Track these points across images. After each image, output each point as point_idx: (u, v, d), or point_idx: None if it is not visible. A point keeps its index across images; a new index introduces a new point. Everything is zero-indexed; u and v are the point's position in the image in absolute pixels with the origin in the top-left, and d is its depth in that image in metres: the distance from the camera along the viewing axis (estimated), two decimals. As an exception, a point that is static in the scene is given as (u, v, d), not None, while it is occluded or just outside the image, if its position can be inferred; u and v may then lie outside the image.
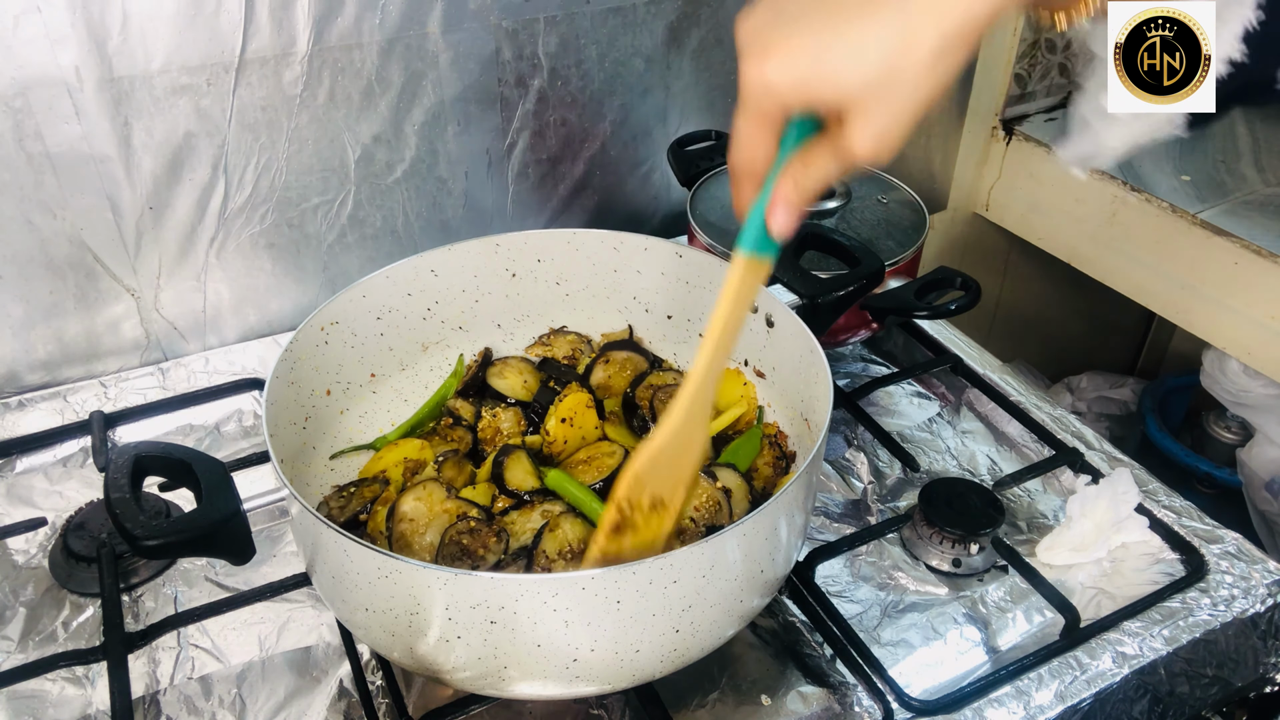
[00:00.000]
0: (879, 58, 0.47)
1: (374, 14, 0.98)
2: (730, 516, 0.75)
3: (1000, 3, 0.47)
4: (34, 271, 0.97)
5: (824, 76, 0.48)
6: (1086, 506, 0.85)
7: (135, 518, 0.59)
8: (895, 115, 0.48)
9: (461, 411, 0.87)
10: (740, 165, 0.54)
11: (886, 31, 0.47)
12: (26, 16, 0.85)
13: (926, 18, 0.47)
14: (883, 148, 0.50)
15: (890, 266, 1.05)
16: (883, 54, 0.47)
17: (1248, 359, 1.24)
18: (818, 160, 0.52)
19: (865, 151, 0.50)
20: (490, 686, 0.65)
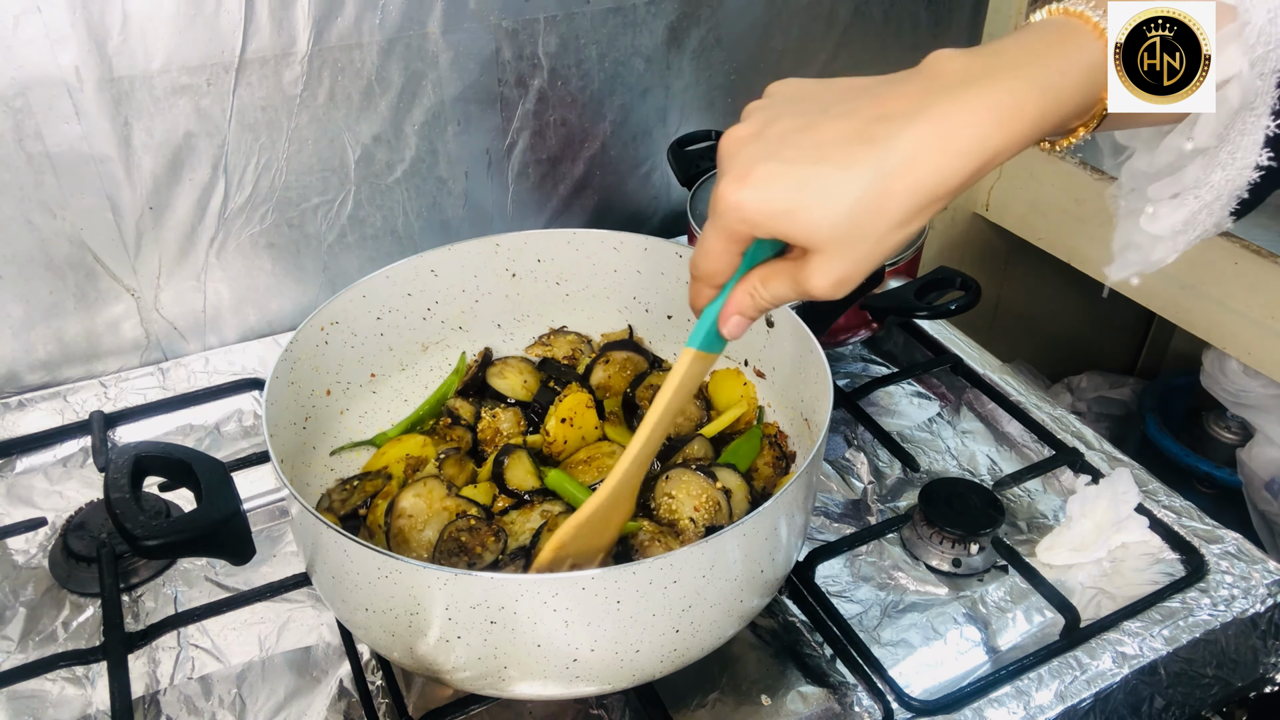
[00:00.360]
0: (849, 210, 0.48)
1: (374, 14, 0.98)
2: (730, 516, 0.75)
3: (975, 167, 0.47)
4: (34, 271, 0.97)
5: (794, 214, 0.49)
6: (1086, 506, 0.85)
7: (135, 518, 0.59)
8: (855, 263, 0.49)
9: (461, 411, 0.87)
10: (700, 271, 0.56)
11: (860, 187, 0.47)
12: (26, 16, 0.85)
13: (902, 181, 0.47)
14: (838, 289, 0.51)
15: (890, 266, 1.05)
16: (853, 208, 0.48)
17: (1248, 359, 1.24)
18: (775, 281, 0.54)
19: (821, 289, 0.51)
20: (490, 686, 0.65)
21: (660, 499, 0.75)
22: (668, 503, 0.75)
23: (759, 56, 1.22)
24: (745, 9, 1.18)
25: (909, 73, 0.50)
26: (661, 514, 0.75)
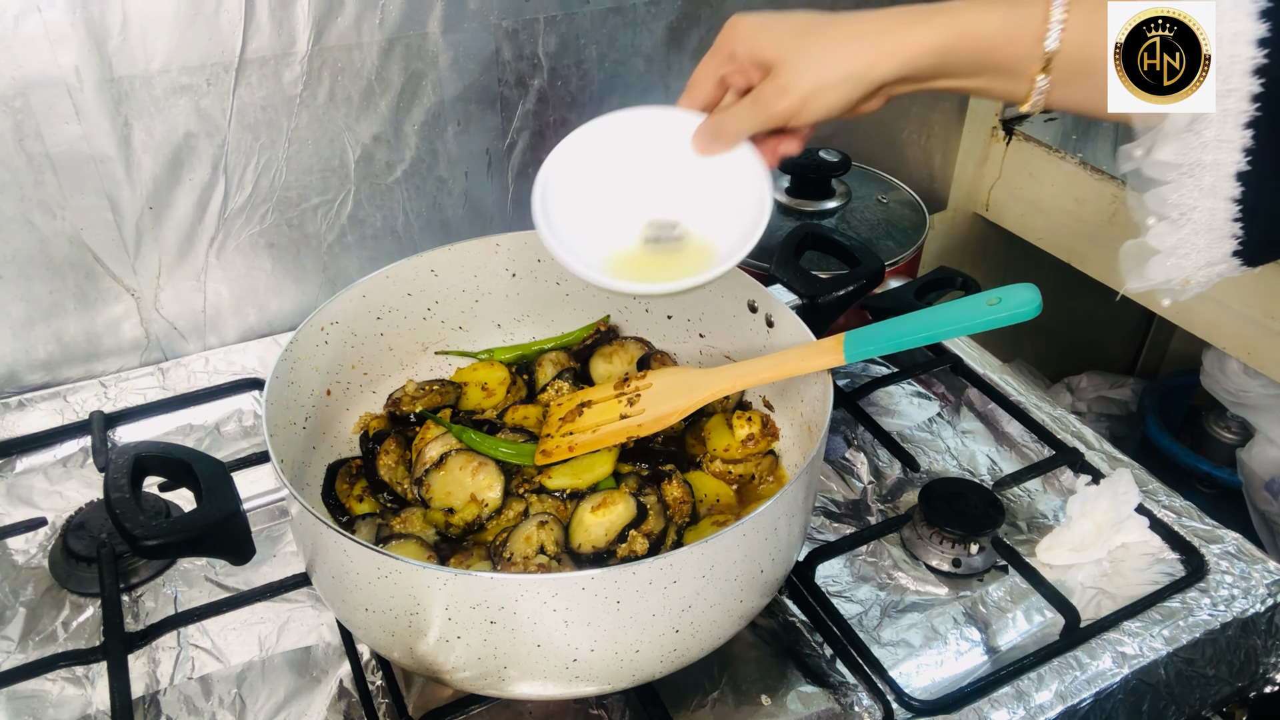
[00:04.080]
0: (805, 39, 0.64)
1: (374, 14, 0.98)
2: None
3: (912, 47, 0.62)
4: (34, 271, 0.97)
5: (767, 29, 0.66)
6: (1086, 506, 0.85)
7: (135, 518, 0.59)
8: (800, 78, 0.64)
9: (542, 373, 0.91)
10: (690, 84, 0.72)
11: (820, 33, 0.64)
12: (26, 16, 0.85)
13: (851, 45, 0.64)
14: (783, 94, 0.65)
15: (890, 266, 1.05)
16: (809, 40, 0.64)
17: (1248, 359, 1.24)
18: (739, 106, 0.68)
19: (769, 92, 0.65)
20: (490, 686, 0.65)
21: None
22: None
23: (759, 56, 1.22)
24: (745, 9, 1.18)
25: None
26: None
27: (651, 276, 0.73)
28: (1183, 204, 0.57)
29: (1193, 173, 0.56)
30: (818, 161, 1.09)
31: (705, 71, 0.71)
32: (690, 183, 0.75)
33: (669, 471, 0.79)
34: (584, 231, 0.74)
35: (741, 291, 0.86)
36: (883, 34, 0.63)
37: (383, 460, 0.81)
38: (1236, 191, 0.55)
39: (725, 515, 0.78)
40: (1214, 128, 0.54)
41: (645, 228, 0.76)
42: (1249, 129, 0.53)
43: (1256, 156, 0.54)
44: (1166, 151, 0.56)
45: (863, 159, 1.24)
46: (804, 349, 0.75)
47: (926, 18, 0.62)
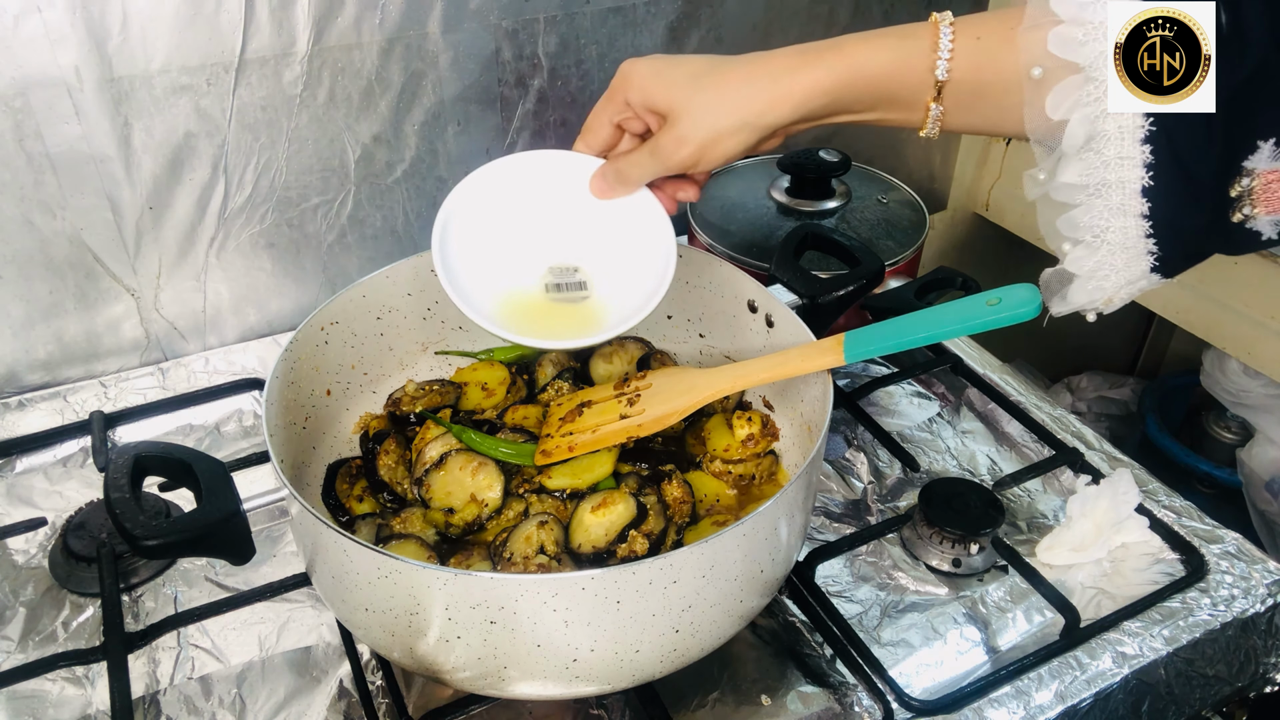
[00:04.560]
0: (698, 90, 0.64)
1: (374, 14, 0.98)
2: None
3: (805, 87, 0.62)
4: (34, 271, 0.97)
5: (660, 76, 0.66)
6: (1086, 506, 0.85)
7: (135, 518, 0.59)
8: (696, 129, 0.64)
9: (541, 373, 0.91)
10: (585, 128, 0.72)
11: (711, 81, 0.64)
12: (26, 16, 0.85)
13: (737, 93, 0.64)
14: (679, 147, 0.65)
15: (890, 266, 1.05)
16: (701, 90, 0.64)
17: (1248, 359, 1.24)
18: (636, 154, 0.69)
19: (667, 145, 0.66)
20: (490, 686, 0.65)
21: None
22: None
23: (759, 56, 1.22)
24: (745, 9, 1.18)
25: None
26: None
27: (547, 329, 0.74)
28: (1095, 226, 0.58)
29: (1100, 193, 0.57)
30: (818, 161, 1.09)
31: (600, 117, 0.71)
32: (591, 227, 0.75)
33: (669, 471, 0.79)
34: (485, 274, 0.75)
35: (741, 291, 0.86)
36: (775, 78, 0.63)
37: (383, 460, 0.81)
38: (1145, 208, 0.56)
39: (725, 515, 0.78)
40: (1113, 145, 0.55)
41: (547, 273, 0.77)
42: (1146, 144, 0.54)
43: (1158, 171, 0.55)
44: (1070, 173, 0.57)
45: (863, 159, 1.24)
46: (804, 349, 0.75)
47: (817, 58, 0.63)
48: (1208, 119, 0.53)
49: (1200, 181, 0.55)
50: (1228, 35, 0.53)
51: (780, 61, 0.63)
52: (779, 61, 0.63)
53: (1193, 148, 0.54)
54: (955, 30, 0.60)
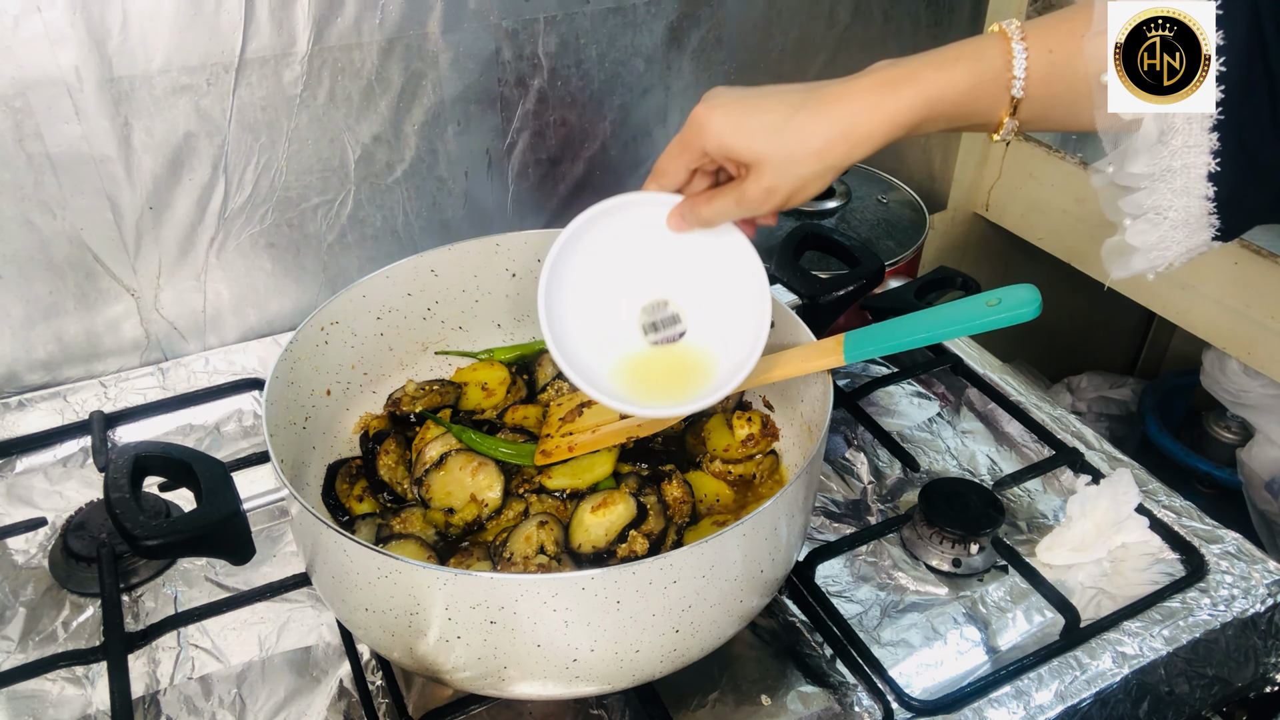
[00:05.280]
0: (780, 133, 0.63)
1: (374, 14, 0.98)
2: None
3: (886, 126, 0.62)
4: (34, 271, 0.97)
5: (739, 129, 0.64)
6: (1086, 506, 0.85)
7: (135, 518, 0.60)
8: (781, 176, 0.64)
9: (541, 373, 0.91)
10: (657, 168, 0.70)
11: (791, 121, 0.63)
12: (26, 16, 0.85)
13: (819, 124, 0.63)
14: (770, 197, 0.65)
15: (890, 266, 1.05)
16: (783, 132, 0.63)
17: (1248, 359, 1.24)
18: (719, 198, 0.67)
19: (754, 194, 0.65)
20: (490, 686, 0.65)
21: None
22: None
23: (759, 56, 1.22)
24: (745, 9, 1.18)
25: (853, 75, 0.65)
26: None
27: (663, 390, 0.73)
28: (1159, 205, 0.59)
29: (1164, 178, 0.58)
30: (818, 161, 1.09)
31: (676, 164, 0.69)
32: (678, 264, 0.73)
33: (669, 471, 0.79)
34: (591, 340, 0.73)
35: (741, 291, 0.85)
36: (855, 120, 0.63)
37: (383, 460, 0.81)
38: (1210, 191, 0.57)
39: (725, 515, 0.78)
40: (1180, 135, 0.56)
41: (641, 314, 0.75)
42: (1214, 132, 0.55)
43: (1225, 159, 0.56)
44: (1138, 164, 0.58)
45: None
46: (804, 349, 0.75)
47: (895, 92, 0.62)
48: (1272, 105, 0.54)
49: (1264, 165, 0.56)
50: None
51: (859, 101, 0.63)
52: (858, 101, 0.63)
53: (1259, 133, 0.55)
54: (1027, 45, 0.60)
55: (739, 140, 0.64)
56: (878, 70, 0.64)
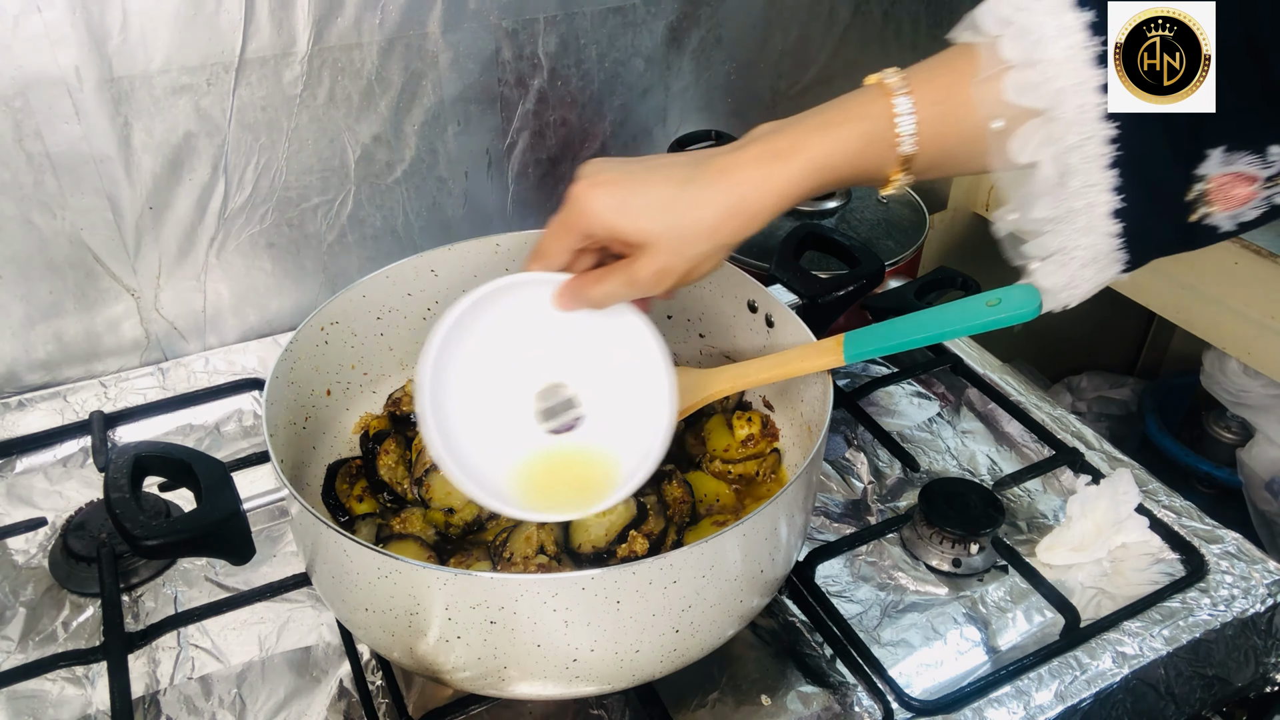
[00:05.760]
0: (669, 213, 0.60)
1: (374, 14, 0.98)
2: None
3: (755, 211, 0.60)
4: (34, 271, 0.97)
5: (625, 209, 0.61)
6: (1086, 506, 0.85)
7: (135, 518, 0.59)
8: (672, 256, 0.61)
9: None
10: (536, 251, 0.66)
11: (679, 199, 0.60)
12: (26, 16, 0.85)
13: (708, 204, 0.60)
14: (661, 279, 0.62)
15: (890, 266, 1.05)
16: (672, 211, 0.60)
17: (1248, 359, 1.24)
18: (609, 278, 0.64)
19: (645, 276, 0.62)
20: (490, 686, 0.65)
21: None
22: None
23: (759, 56, 1.22)
24: (745, 9, 1.18)
25: (729, 145, 0.62)
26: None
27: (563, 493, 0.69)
28: (1063, 246, 0.58)
29: (1068, 219, 0.57)
30: (818, 161, 1.09)
31: (557, 246, 0.64)
32: (571, 347, 0.70)
33: (669, 471, 0.79)
34: (485, 437, 0.68)
35: (741, 291, 0.86)
36: (744, 198, 0.60)
37: (383, 460, 0.81)
38: (1116, 227, 0.56)
39: (725, 515, 0.78)
40: (1079, 176, 0.55)
41: (536, 400, 0.71)
42: (1114, 168, 0.55)
43: (1128, 193, 0.55)
44: (1040, 209, 0.57)
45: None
46: (803, 349, 0.75)
47: (782, 165, 0.60)
48: (1169, 135, 0.54)
49: (1167, 195, 0.55)
50: None
51: (747, 174, 0.60)
52: (746, 174, 0.60)
53: (1155, 164, 0.55)
54: (914, 99, 0.58)
55: (625, 221, 0.61)
56: (763, 138, 0.61)
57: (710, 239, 0.61)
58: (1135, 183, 0.55)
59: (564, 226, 0.63)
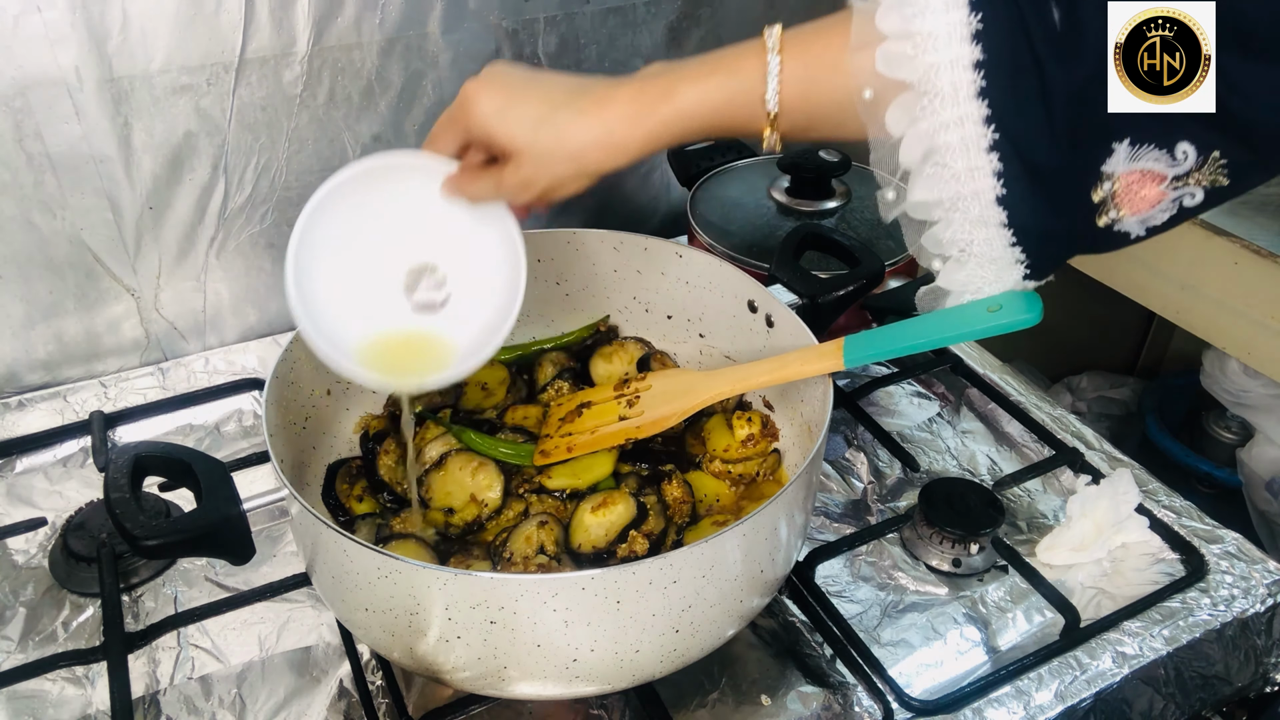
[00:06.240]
0: (538, 130, 0.63)
1: (374, 14, 0.98)
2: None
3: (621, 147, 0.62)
4: (34, 271, 0.97)
5: (502, 116, 0.64)
6: (1086, 506, 0.85)
7: (135, 518, 0.60)
8: (537, 169, 0.64)
9: (541, 373, 0.91)
10: (429, 138, 0.69)
11: (552, 118, 0.62)
12: (26, 16, 0.85)
13: (576, 132, 0.62)
14: (523, 190, 0.65)
15: (890, 266, 1.05)
16: (541, 129, 0.62)
17: (1248, 359, 1.24)
18: (482, 179, 0.67)
19: (510, 185, 0.65)
20: (490, 686, 0.65)
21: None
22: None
23: (759, 56, 1.22)
24: (745, 9, 1.18)
25: (617, 78, 0.64)
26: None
27: (403, 363, 0.72)
28: (958, 240, 0.57)
29: (957, 206, 0.55)
30: (818, 161, 1.09)
31: (445, 136, 0.68)
32: (446, 233, 0.72)
33: (669, 472, 0.79)
34: (347, 305, 0.70)
35: (741, 291, 0.86)
36: (610, 131, 0.62)
37: (383, 460, 0.81)
38: (1003, 217, 0.54)
39: (725, 515, 0.78)
40: (960, 157, 0.53)
41: (407, 276, 0.73)
42: (993, 152, 0.53)
43: (1009, 179, 0.53)
44: (919, 190, 0.56)
45: (863, 159, 1.24)
46: (803, 353, 0.75)
47: (652, 109, 0.61)
48: (1049, 119, 0.52)
49: (1056, 186, 0.54)
50: (1062, 33, 0.51)
51: (619, 111, 0.62)
52: (617, 111, 0.62)
53: (1040, 151, 0.53)
54: (783, 58, 0.58)
55: (500, 128, 0.64)
56: (643, 78, 0.62)
57: (573, 163, 0.63)
58: (1018, 169, 0.53)
59: (450, 119, 0.67)
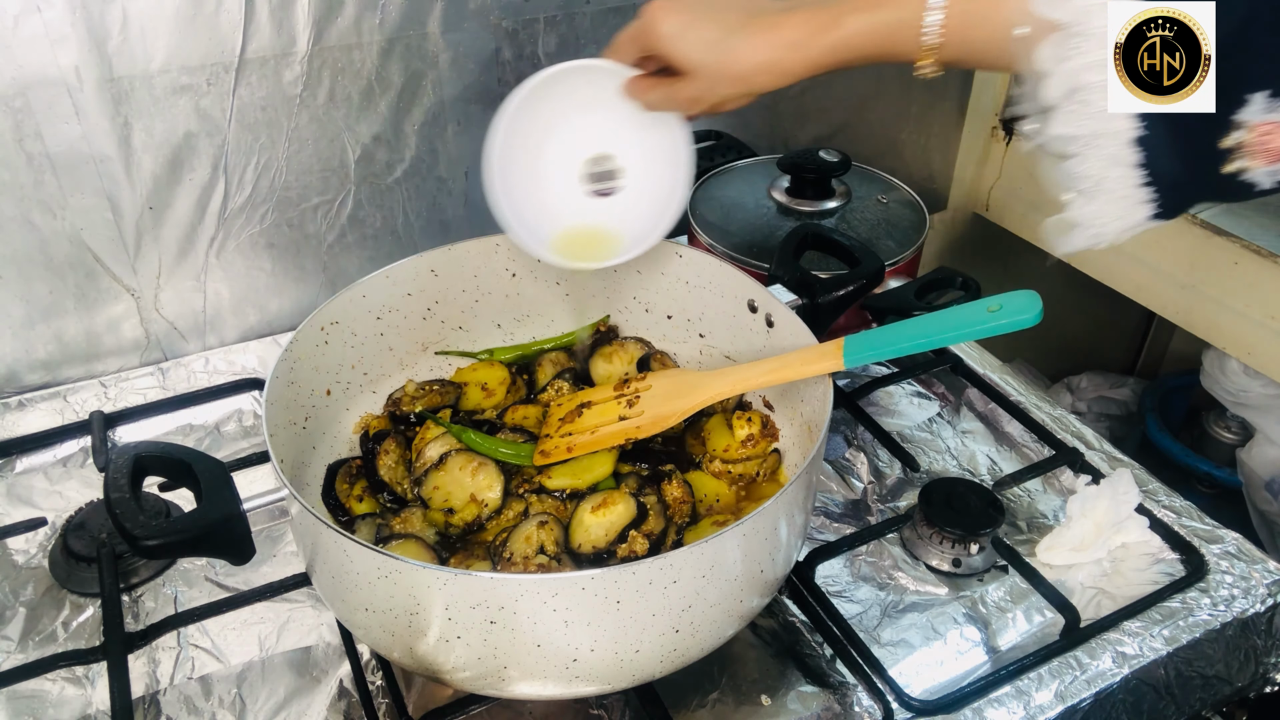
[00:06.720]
0: (712, 51, 0.69)
1: (374, 14, 0.98)
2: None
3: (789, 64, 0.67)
4: (34, 271, 0.97)
5: (680, 37, 0.70)
6: (1086, 506, 0.85)
7: (135, 518, 0.59)
8: (708, 88, 0.71)
9: (541, 373, 0.91)
10: (611, 47, 0.76)
11: (725, 41, 0.68)
12: (26, 16, 0.85)
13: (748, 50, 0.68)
14: (693, 105, 0.73)
15: (890, 266, 1.05)
16: (715, 51, 0.69)
17: (1248, 359, 1.24)
18: (658, 89, 0.74)
19: (681, 100, 0.72)
20: (490, 686, 0.65)
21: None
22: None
23: (759, 56, 1.22)
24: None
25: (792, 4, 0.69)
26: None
27: (591, 250, 0.82)
28: (1091, 175, 0.58)
29: (1094, 143, 0.57)
30: (818, 161, 1.09)
31: (626, 49, 0.75)
32: (623, 131, 0.81)
33: (669, 472, 0.80)
34: (539, 196, 0.82)
35: (741, 291, 0.86)
36: (780, 55, 0.67)
37: (383, 460, 0.81)
38: (1139, 157, 0.56)
39: (725, 515, 0.78)
40: (1103, 98, 0.55)
41: (586, 164, 0.83)
42: None
43: (1150, 120, 0.55)
44: (1059, 125, 0.58)
45: (863, 159, 1.24)
46: (803, 353, 0.75)
47: (821, 33, 0.66)
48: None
49: (1192, 131, 0.55)
50: None
51: (787, 37, 0.67)
52: (786, 37, 0.67)
53: None
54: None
55: (677, 49, 0.70)
56: (811, 6, 0.67)
57: (741, 83, 0.70)
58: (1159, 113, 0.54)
59: (632, 37, 0.74)
